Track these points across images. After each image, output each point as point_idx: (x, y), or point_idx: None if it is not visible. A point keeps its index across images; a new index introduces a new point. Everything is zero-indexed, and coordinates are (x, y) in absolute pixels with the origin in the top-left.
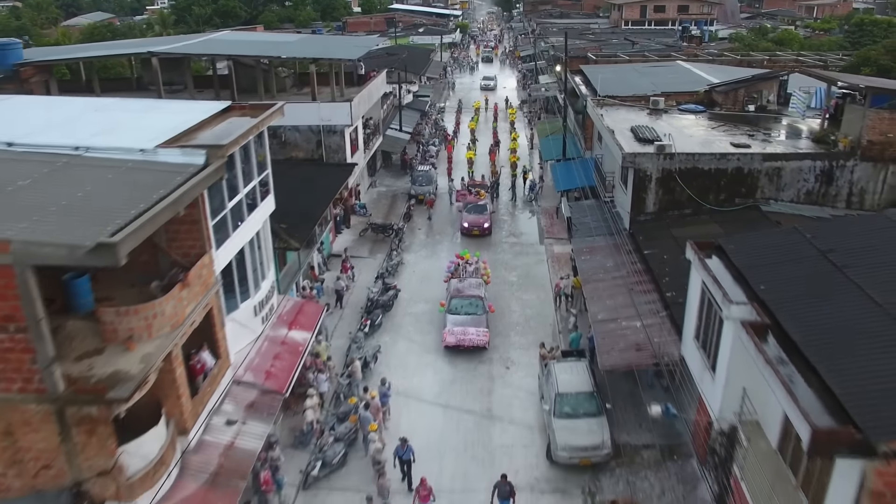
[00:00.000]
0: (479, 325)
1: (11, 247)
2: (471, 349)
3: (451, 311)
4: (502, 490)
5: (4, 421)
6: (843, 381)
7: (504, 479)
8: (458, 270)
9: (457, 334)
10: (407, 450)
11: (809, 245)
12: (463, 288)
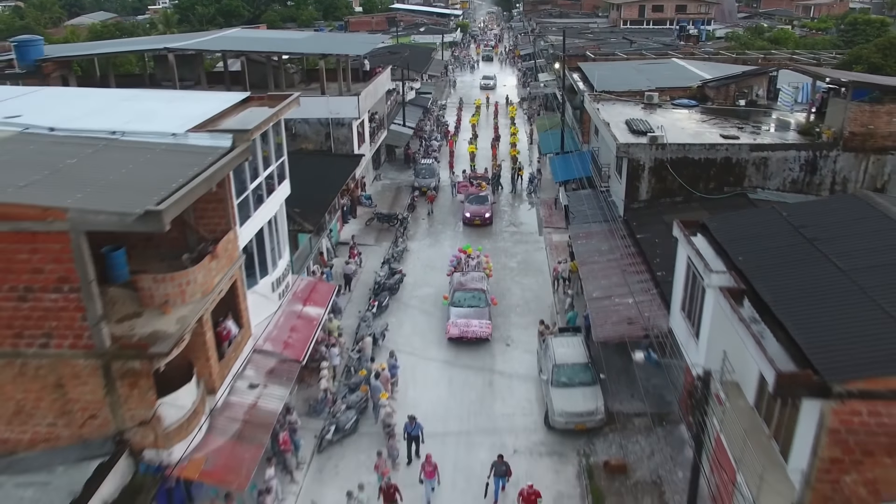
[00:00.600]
0: (481, 317)
1: (68, 214)
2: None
3: (455, 303)
4: (499, 469)
5: (56, 374)
6: (805, 333)
7: (500, 459)
8: (460, 264)
9: (460, 326)
10: (416, 426)
11: (785, 222)
12: (466, 281)
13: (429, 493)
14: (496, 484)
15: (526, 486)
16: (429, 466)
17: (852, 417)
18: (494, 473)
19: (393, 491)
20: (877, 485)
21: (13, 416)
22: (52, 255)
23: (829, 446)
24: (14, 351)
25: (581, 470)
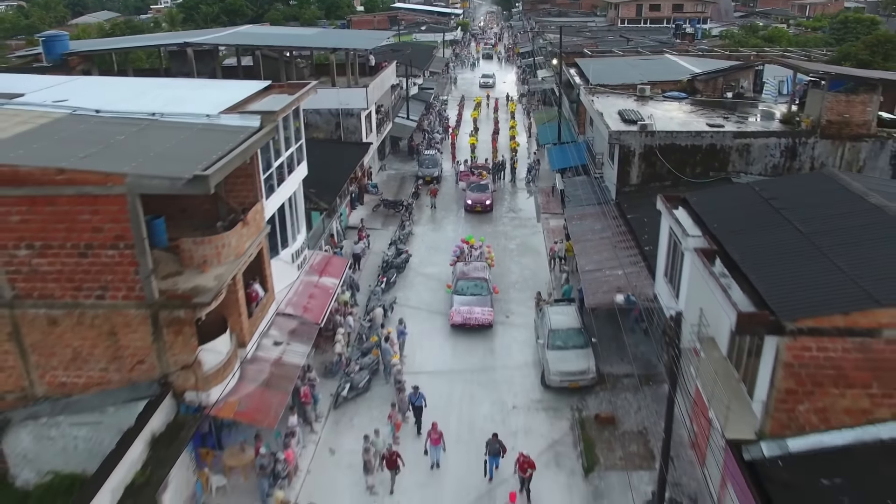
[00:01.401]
0: (484, 305)
1: (126, 179)
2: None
3: (458, 292)
4: (493, 447)
5: (110, 323)
6: (765, 282)
7: (495, 438)
8: (463, 254)
9: (463, 313)
10: (419, 397)
11: (757, 195)
12: (469, 271)
13: (434, 458)
14: (492, 463)
15: (520, 455)
16: (434, 434)
17: (803, 352)
18: (489, 452)
19: (395, 457)
20: (826, 413)
21: (70, 361)
22: (111, 216)
23: (784, 378)
24: (74, 302)
25: (574, 422)
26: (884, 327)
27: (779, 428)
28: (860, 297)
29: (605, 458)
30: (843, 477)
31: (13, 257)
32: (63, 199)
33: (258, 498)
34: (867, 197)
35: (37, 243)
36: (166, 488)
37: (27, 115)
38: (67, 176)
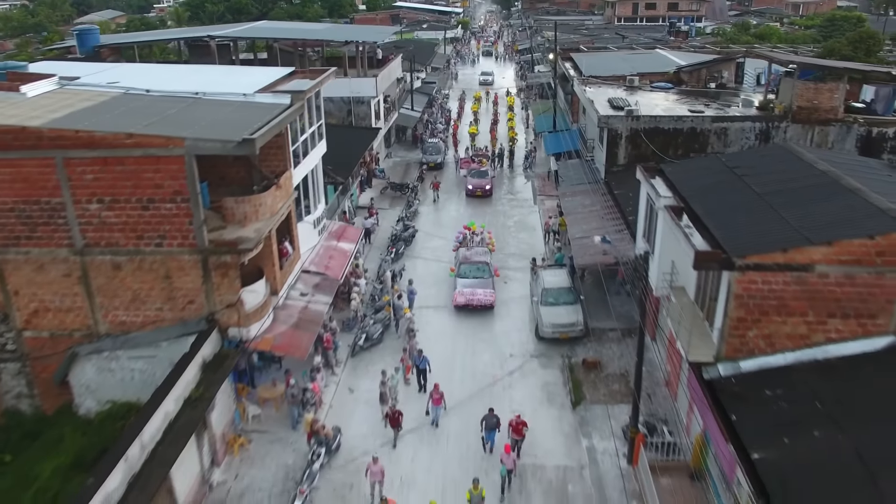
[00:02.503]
0: (486, 287)
1: (185, 142)
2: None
3: (461, 275)
4: (489, 422)
5: (165, 268)
6: (721, 230)
7: (491, 413)
8: (465, 240)
9: (466, 295)
10: (423, 360)
11: (723, 164)
12: (471, 255)
13: (434, 417)
14: (489, 437)
15: (514, 417)
16: (436, 394)
17: (751, 285)
18: (486, 427)
19: (398, 416)
20: (771, 338)
21: (130, 302)
22: (170, 174)
23: (735, 308)
24: (136, 249)
25: (564, 366)
26: (816, 263)
27: (732, 352)
28: (798, 239)
29: (590, 395)
30: (783, 389)
31: (86, 211)
32: (130, 159)
33: (289, 424)
34: (816, 164)
35: (106, 198)
36: (213, 408)
37: (88, 94)
38: (135, 140)
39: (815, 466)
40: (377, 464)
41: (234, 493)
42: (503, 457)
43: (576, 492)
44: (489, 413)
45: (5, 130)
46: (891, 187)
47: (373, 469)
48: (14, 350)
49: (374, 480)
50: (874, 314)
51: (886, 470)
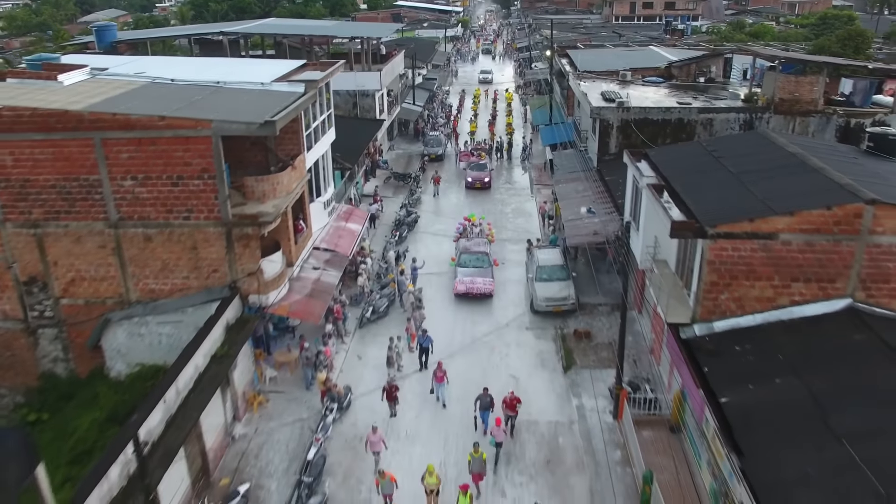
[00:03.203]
0: (485, 276)
1: (213, 124)
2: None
3: (461, 264)
4: (483, 401)
5: (192, 239)
6: (696, 203)
7: (485, 392)
8: (466, 231)
9: (466, 283)
10: (426, 339)
11: (703, 149)
12: (471, 246)
13: (440, 393)
14: (483, 416)
15: (508, 394)
16: (440, 372)
17: (722, 252)
18: (480, 407)
19: (394, 390)
20: (742, 300)
21: (159, 271)
22: (198, 153)
23: (709, 272)
24: (165, 222)
25: (556, 336)
26: (780, 231)
27: (706, 314)
28: (764, 210)
29: (580, 361)
30: (751, 345)
31: (121, 187)
32: (162, 140)
33: (303, 385)
34: (786, 147)
35: (140, 175)
36: (235, 368)
37: (118, 83)
38: (167, 122)
39: (774, 406)
40: (376, 433)
41: (254, 444)
42: (493, 430)
43: (566, 443)
44: (483, 393)
45: (49, 114)
46: (853, 167)
47: (372, 439)
48: (52, 317)
49: (373, 450)
50: (833, 278)
51: (835, 409)
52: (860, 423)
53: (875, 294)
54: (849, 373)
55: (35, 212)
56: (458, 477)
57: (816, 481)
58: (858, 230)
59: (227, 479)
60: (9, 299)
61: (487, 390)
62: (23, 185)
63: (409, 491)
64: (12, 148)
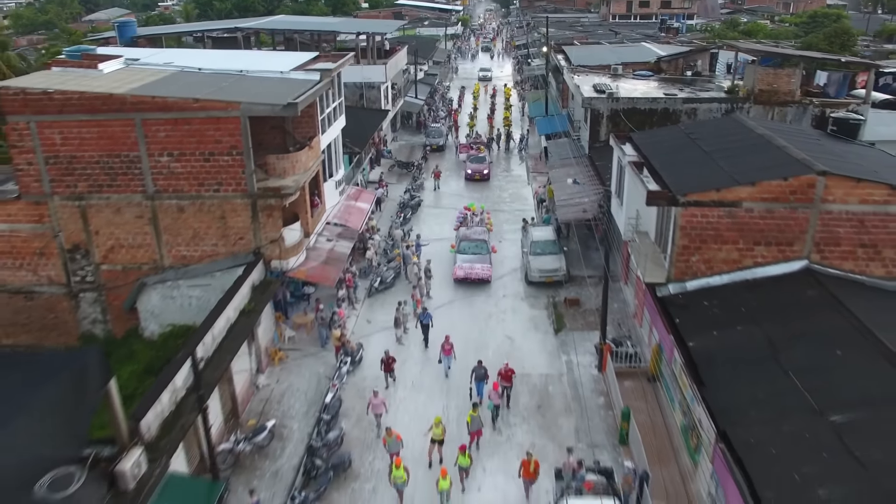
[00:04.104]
0: (483, 262)
1: (241, 105)
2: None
3: (461, 251)
4: (478, 373)
5: (221, 210)
6: (670, 176)
7: (479, 364)
8: (466, 220)
9: (465, 269)
10: (426, 315)
11: (682, 132)
12: (470, 234)
13: (446, 366)
14: (478, 387)
15: (503, 366)
16: (447, 345)
17: (692, 218)
18: (475, 378)
19: (391, 361)
20: (710, 262)
21: (191, 239)
22: (228, 132)
23: (681, 237)
24: (197, 195)
25: (548, 303)
26: (743, 200)
27: (679, 274)
28: (729, 181)
29: (570, 324)
30: (717, 300)
31: (157, 162)
32: (196, 120)
33: (319, 343)
34: (756, 130)
35: (175, 152)
36: (259, 325)
37: (151, 71)
38: (200, 104)
39: (733, 348)
40: (378, 397)
41: (276, 393)
42: (491, 394)
43: (555, 391)
44: (478, 365)
45: (95, 97)
46: (815, 147)
47: (374, 402)
48: (92, 281)
49: (375, 413)
50: (791, 242)
51: (785, 349)
52: (805, 360)
53: (828, 256)
54: (800, 321)
55: (80, 185)
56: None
57: (764, 403)
58: (812, 199)
59: (253, 420)
60: (54, 266)
61: (482, 363)
62: (70, 161)
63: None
64: (61, 127)
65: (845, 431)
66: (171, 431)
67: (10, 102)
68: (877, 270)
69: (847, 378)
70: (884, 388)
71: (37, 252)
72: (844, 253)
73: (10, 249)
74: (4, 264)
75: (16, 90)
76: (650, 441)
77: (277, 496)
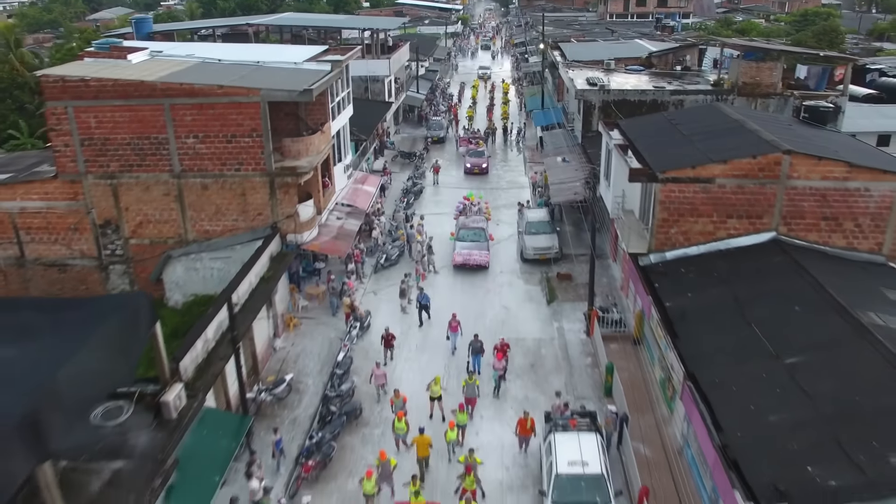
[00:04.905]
0: (481, 249)
1: (261, 91)
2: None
3: (460, 239)
4: (475, 346)
5: (242, 187)
6: (651, 156)
7: (476, 338)
8: (465, 209)
9: (464, 255)
10: (424, 296)
11: (665, 119)
12: (469, 222)
13: (453, 344)
14: (474, 360)
15: (499, 340)
16: (454, 322)
17: (671, 193)
18: (472, 352)
19: (391, 338)
20: (688, 234)
21: (213, 214)
22: (249, 116)
23: (661, 211)
24: (220, 173)
25: (542, 278)
26: (716, 176)
27: (659, 245)
28: (704, 160)
29: (561, 296)
30: (694, 268)
31: (184, 144)
32: (220, 105)
33: (330, 312)
34: (732, 115)
35: (200, 134)
36: (276, 292)
37: (175, 62)
38: (224, 90)
39: (705, 306)
40: (380, 368)
41: (292, 354)
42: (495, 363)
43: (547, 353)
44: (474, 339)
45: (128, 83)
46: (786, 131)
47: (377, 373)
48: (122, 255)
49: (377, 383)
50: (760, 215)
51: (750, 306)
52: (766, 314)
53: (794, 228)
54: (765, 284)
55: (112, 165)
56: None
57: (728, 350)
58: (778, 175)
59: (272, 376)
60: (86, 240)
61: (478, 336)
62: (103, 142)
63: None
64: (97, 112)
65: (796, 371)
66: (204, 375)
67: (51, 89)
68: (838, 241)
69: (801, 328)
70: (832, 335)
71: (71, 227)
72: (809, 225)
73: (46, 225)
74: (41, 239)
75: (56, 78)
76: (631, 393)
77: (296, 439)
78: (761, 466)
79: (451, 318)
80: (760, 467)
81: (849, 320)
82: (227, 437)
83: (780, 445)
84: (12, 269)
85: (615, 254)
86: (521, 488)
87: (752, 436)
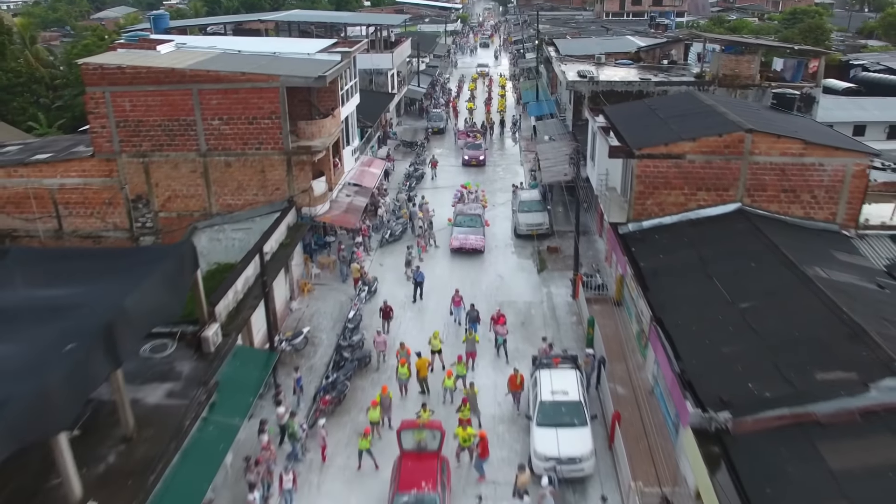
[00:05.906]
0: (477, 234)
1: (280, 77)
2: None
3: (457, 224)
4: (472, 315)
5: (261, 165)
6: (629, 135)
7: (472, 307)
8: (463, 197)
9: (460, 240)
10: (419, 273)
11: (646, 105)
12: (466, 209)
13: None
14: (472, 328)
15: (495, 311)
16: (457, 297)
17: (646, 168)
18: (469, 320)
19: (389, 310)
20: (662, 205)
21: (235, 190)
22: (268, 100)
23: (637, 184)
24: (242, 152)
25: (534, 250)
26: (686, 153)
27: (637, 215)
28: (676, 138)
29: (550, 266)
30: (667, 234)
31: (210, 125)
32: (243, 90)
33: (340, 279)
34: (704, 101)
35: (224, 117)
36: (292, 259)
37: (199, 53)
38: (247, 76)
39: (674, 265)
40: (381, 336)
41: (307, 314)
42: (498, 328)
43: (536, 313)
44: (471, 308)
45: (160, 70)
46: (753, 114)
47: (378, 340)
48: (151, 227)
49: (379, 350)
50: (727, 188)
51: (713, 263)
52: (727, 270)
53: (757, 199)
54: (727, 245)
55: (144, 145)
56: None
57: (691, 298)
58: (742, 152)
59: (290, 332)
60: (119, 214)
61: (474, 306)
62: (137, 124)
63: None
64: (131, 97)
65: (748, 313)
66: (235, 320)
67: (90, 76)
68: (797, 211)
69: (755, 280)
70: (779, 284)
71: (105, 202)
72: (770, 197)
73: (83, 200)
74: (78, 213)
75: (94, 66)
76: (610, 345)
77: (313, 382)
78: (711, 385)
79: (454, 294)
80: (711, 386)
81: (796, 273)
82: (258, 369)
83: (727, 369)
84: (51, 241)
85: (601, 230)
86: (510, 420)
87: (705, 363)
